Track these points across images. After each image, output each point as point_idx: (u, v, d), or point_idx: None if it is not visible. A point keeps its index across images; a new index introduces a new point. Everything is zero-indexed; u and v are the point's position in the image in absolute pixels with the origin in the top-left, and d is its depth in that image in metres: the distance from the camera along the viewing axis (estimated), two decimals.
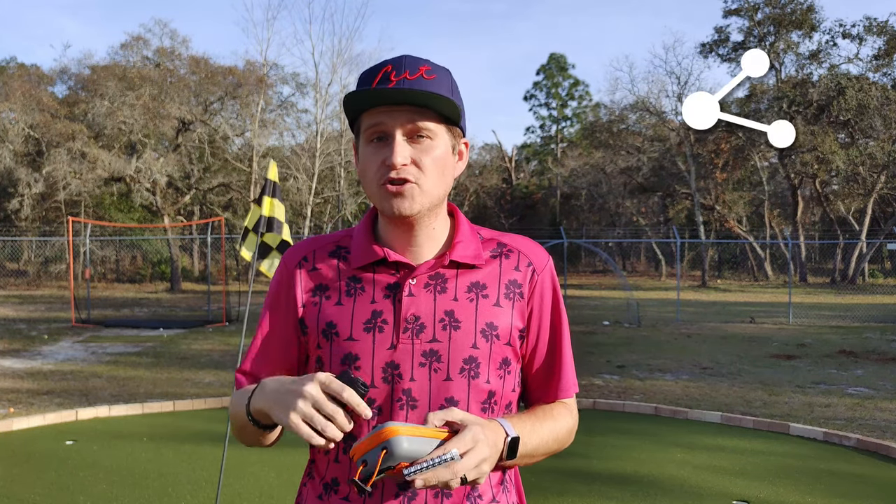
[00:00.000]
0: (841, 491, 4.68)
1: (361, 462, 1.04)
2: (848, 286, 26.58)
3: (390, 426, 1.03)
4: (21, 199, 26.01)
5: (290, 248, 1.34)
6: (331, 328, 1.24)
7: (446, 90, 1.22)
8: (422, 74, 1.20)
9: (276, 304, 1.31)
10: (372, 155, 1.21)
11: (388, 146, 1.19)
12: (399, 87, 1.18)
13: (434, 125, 1.20)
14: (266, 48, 44.48)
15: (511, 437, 1.15)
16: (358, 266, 1.26)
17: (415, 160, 1.19)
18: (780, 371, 9.30)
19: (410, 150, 1.19)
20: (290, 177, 29.43)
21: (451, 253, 1.25)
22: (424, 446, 1.04)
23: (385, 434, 1.02)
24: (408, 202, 1.19)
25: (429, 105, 1.18)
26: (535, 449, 1.24)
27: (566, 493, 4.60)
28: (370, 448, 1.03)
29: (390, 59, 1.22)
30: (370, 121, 1.20)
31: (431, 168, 1.20)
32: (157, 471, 4.98)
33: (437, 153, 1.21)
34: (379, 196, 1.21)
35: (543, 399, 1.33)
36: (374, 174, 1.21)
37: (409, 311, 1.22)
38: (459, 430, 1.09)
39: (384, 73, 1.20)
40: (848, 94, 26.88)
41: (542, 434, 1.25)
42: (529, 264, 1.30)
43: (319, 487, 1.27)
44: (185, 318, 15.77)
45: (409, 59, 1.21)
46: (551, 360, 1.32)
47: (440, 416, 1.10)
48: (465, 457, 1.06)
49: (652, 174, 33.86)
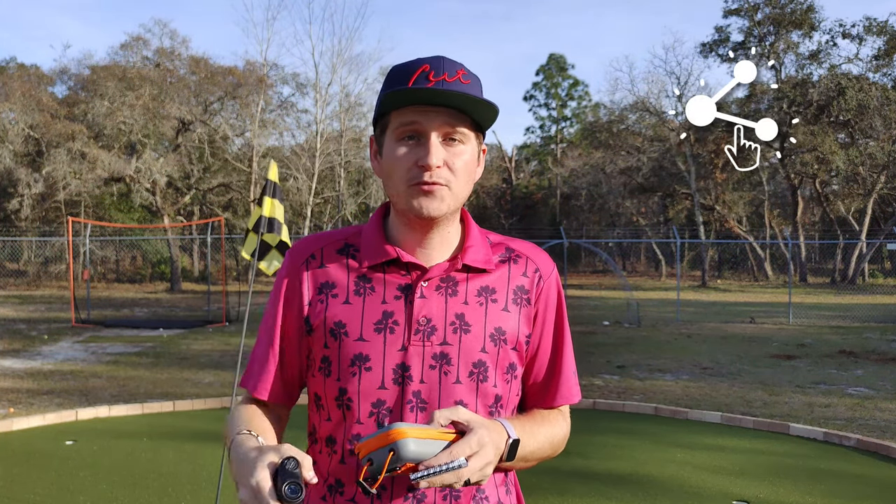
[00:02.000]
0: (841, 491, 4.68)
1: (367, 461, 1.04)
2: (848, 286, 26.58)
3: (398, 427, 1.03)
4: (21, 200, 26.01)
5: (296, 244, 1.32)
6: (339, 327, 1.23)
7: (478, 92, 1.21)
8: (459, 78, 1.19)
9: (282, 303, 1.29)
10: (403, 154, 1.19)
11: (422, 146, 1.18)
12: (440, 87, 1.16)
13: (467, 130, 1.20)
14: (266, 48, 44.47)
15: (513, 439, 1.16)
16: (369, 265, 1.25)
17: (448, 163, 1.19)
18: (780, 371, 9.30)
19: (444, 152, 1.19)
20: (290, 177, 29.42)
21: (464, 257, 1.25)
22: (431, 448, 1.04)
23: (393, 435, 1.02)
24: (437, 203, 1.19)
25: (469, 110, 1.17)
26: (533, 452, 1.24)
27: (566, 493, 4.60)
28: (377, 448, 1.03)
29: (426, 59, 1.20)
30: (403, 118, 1.18)
31: (462, 172, 1.20)
32: (157, 471, 4.98)
33: (466, 157, 1.21)
34: (407, 195, 1.19)
35: (542, 404, 1.33)
36: (404, 174, 1.19)
37: (420, 313, 1.21)
38: (466, 432, 1.09)
39: (422, 71, 1.18)
40: (848, 94, 26.88)
41: (540, 438, 1.25)
42: (536, 270, 1.31)
43: (322, 489, 1.25)
44: (185, 318, 15.77)
45: (447, 60, 1.20)
46: (553, 367, 1.32)
47: (446, 415, 1.10)
48: (470, 460, 1.06)
49: (652, 174, 33.85)
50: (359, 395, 1.21)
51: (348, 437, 1.22)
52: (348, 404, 1.22)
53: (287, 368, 1.30)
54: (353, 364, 1.21)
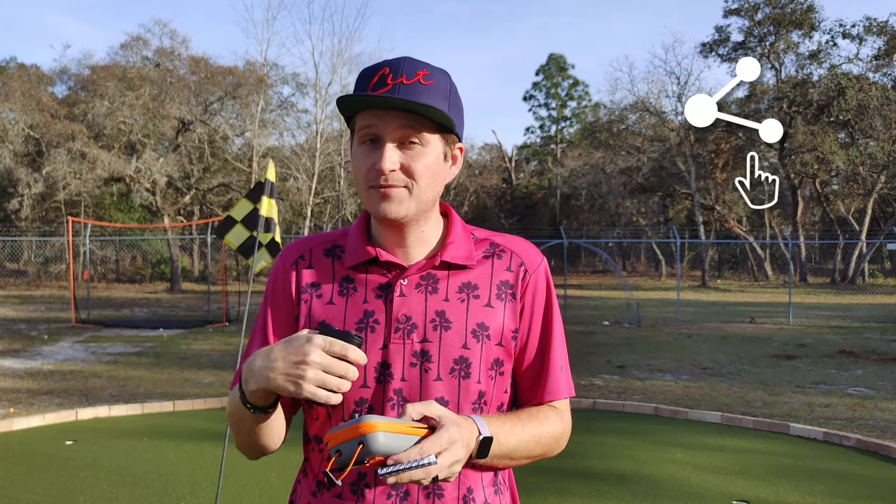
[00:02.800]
0: (841, 491, 4.68)
1: (336, 451, 1.04)
2: (848, 286, 26.58)
3: (368, 421, 1.02)
4: (21, 199, 26.01)
5: (288, 246, 1.35)
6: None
7: (443, 95, 1.21)
8: (419, 80, 1.19)
9: (273, 302, 1.32)
10: (363, 157, 1.21)
11: (379, 150, 1.19)
12: (393, 92, 1.17)
13: (426, 132, 1.20)
14: (266, 48, 44.49)
15: (483, 436, 1.13)
16: (350, 265, 1.27)
17: (404, 166, 1.19)
18: (780, 371, 9.30)
19: (400, 155, 1.19)
20: (290, 177, 29.44)
21: (443, 254, 1.25)
22: (401, 443, 1.04)
23: (363, 429, 1.02)
24: (395, 205, 1.20)
25: (424, 114, 1.18)
26: (514, 451, 1.21)
27: (566, 493, 4.60)
28: (346, 439, 1.03)
29: (389, 61, 1.21)
30: (363, 122, 1.20)
31: (422, 174, 1.20)
32: (157, 471, 4.98)
33: (427, 160, 1.21)
34: (367, 198, 1.22)
35: (531, 401, 1.32)
36: (364, 176, 1.21)
37: (400, 311, 1.22)
38: (436, 428, 1.08)
39: (381, 75, 1.19)
40: (848, 94, 26.88)
41: (522, 436, 1.23)
42: (522, 264, 1.30)
43: (313, 485, 1.28)
44: (185, 318, 15.77)
45: (409, 62, 1.20)
46: (540, 362, 1.31)
47: (419, 410, 1.09)
48: (439, 457, 1.05)
49: (652, 174, 33.86)
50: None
51: None
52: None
53: None
54: None
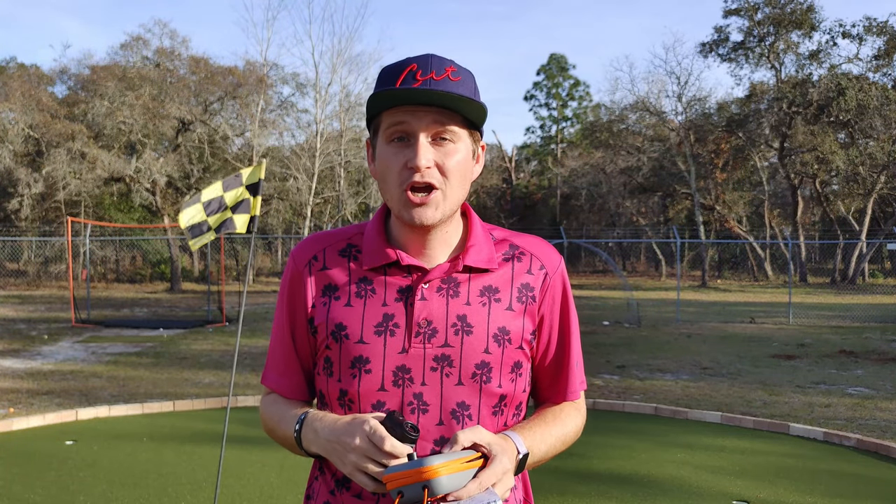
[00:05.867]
0: (841, 491, 4.68)
1: (398, 493, 1.07)
2: (848, 286, 26.58)
3: (431, 466, 1.05)
4: (21, 199, 26.00)
5: (298, 245, 1.33)
6: (340, 330, 1.23)
7: (471, 92, 1.20)
8: (448, 75, 1.16)
9: (287, 305, 1.31)
10: (393, 156, 1.18)
11: (411, 147, 1.16)
12: (425, 87, 1.14)
13: (458, 128, 1.18)
14: (266, 48, 44.49)
15: (522, 454, 1.18)
16: (369, 267, 1.25)
17: (438, 163, 1.17)
18: (780, 371, 9.30)
19: (434, 152, 1.17)
20: (290, 177, 29.43)
21: (465, 257, 1.24)
22: (461, 479, 1.08)
23: (427, 474, 1.05)
24: (430, 211, 1.18)
25: (456, 108, 1.15)
26: (544, 456, 1.26)
27: (566, 493, 4.60)
28: (409, 483, 1.06)
29: (415, 58, 1.18)
30: (392, 119, 1.17)
31: (454, 172, 1.18)
32: (157, 471, 4.98)
33: (459, 157, 1.19)
34: (400, 202, 1.18)
35: (552, 399, 1.34)
36: (396, 176, 1.18)
37: (421, 315, 1.21)
38: (489, 458, 1.12)
39: (409, 71, 1.16)
40: (848, 94, 26.88)
41: (551, 440, 1.26)
42: (542, 267, 1.30)
43: (331, 483, 1.26)
44: (185, 318, 15.76)
45: (436, 58, 1.18)
46: (559, 362, 1.32)
47: (469, 437, 1.12)
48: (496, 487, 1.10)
49: (652, 174, 33.86)
50: (359, 396, 1.22)
51: None
52: (350, 405, 1.23)
53: (304, 366, 1.33)
54: (353, 366, 1.22)
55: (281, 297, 1.33)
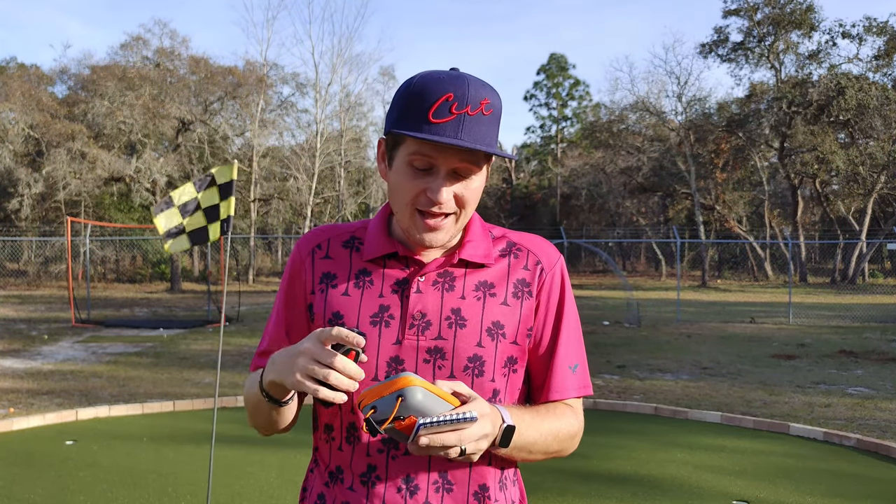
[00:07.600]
0: (841, 491, 4.68)
1: (371, 408, 1.03)
2: (848, 286, 26.59)
3: (407, 375, 1.02)
4: (21, 199, 26.02)
5: (306, 234, 1.36)
6: (337, 318, 1.25)
7: (498, 121, 1.19)
8: (482, 110, 1.14)
9: (288, 291, 1.33)
10: (411, 179, 1.18)
11: (433, 178, 1.17)
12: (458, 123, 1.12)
13: (480, 163, 1.20)
14: (266, 48, 44.55)
15: (507, 424, 1.13)
16: (369, 258, 1.27)
17: (457, 195, 1.19)
18: (780, 371, 9.30)
19: (454, 184, 1.18)
20: (290, 177, 29.44)
21: (461, 252, 1.26)
22: (437, 405, 1.04)
23: (402, 382, 1.01)
24: (441, 235, 1.20)
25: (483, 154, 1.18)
26: (533, 443, 1.22)
27: (566, 493, 4.60)
28: (383, 395, 1.02)
29: (450, 82, 1.14)
30: (417, 148, 1.16)
31: (470, 199, 1.20)
32: (157, 471, 4.98)
33: (475, 185, 1.21)
34: (410, 220, 1.20)
35: (539, 399, 1.32)
36: (411, 198, 1.18)
37: (415, 307, 1.22)
38: (468, 402, 1.08)
39: (444, 101, 1.12)
40: (848, 94, 26.89)
41: (542, 429, 1.23)
42: (538, 263, 1.30)
43: (325, 475, 1.28)
44: (185, 318, 15.76)
45: (473, 87, 1.14)
46: (549, 359, 1.31)
47: (449, 385, 1.09)
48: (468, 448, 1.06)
49: (652, 174, 33.89)
50: None
51: (345, 424, 1.24)
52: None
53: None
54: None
55: (282, 284, 1.35)
